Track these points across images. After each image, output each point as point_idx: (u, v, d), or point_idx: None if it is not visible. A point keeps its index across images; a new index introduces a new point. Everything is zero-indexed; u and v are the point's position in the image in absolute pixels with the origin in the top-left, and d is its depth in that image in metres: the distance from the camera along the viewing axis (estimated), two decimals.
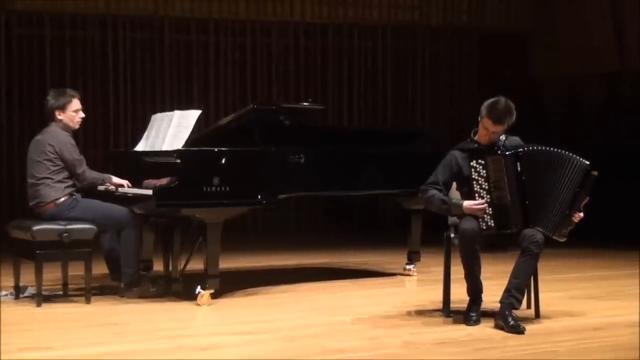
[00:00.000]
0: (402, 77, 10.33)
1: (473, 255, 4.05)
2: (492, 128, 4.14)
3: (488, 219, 4.10)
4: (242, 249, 7.68)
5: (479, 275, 4.13)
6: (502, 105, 4.13)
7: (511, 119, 4.15)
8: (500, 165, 4.09)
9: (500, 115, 4.11)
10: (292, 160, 5.08)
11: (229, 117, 5.36)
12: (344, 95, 10.09)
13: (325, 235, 9.06)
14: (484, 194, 4.11)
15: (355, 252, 7.64)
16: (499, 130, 4.16)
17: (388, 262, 6.72)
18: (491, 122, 4.13)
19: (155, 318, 4.47)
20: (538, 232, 4.07)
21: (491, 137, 4.17)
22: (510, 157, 4.11)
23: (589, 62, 9.63)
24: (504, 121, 4.13)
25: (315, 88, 9.93)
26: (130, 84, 9.34)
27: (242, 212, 4.93)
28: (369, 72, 10.19)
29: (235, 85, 9.68)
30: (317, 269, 6.58)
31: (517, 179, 4.09)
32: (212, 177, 4.70)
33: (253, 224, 9.61)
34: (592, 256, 7.33)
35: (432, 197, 4.24)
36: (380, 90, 10.21)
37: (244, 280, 5.74)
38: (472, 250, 4.04)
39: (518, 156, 4.10)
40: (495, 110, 4.11)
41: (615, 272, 6.27)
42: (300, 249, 7.82)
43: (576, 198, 4.13)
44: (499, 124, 4.13)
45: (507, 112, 4.13)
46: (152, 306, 4.78)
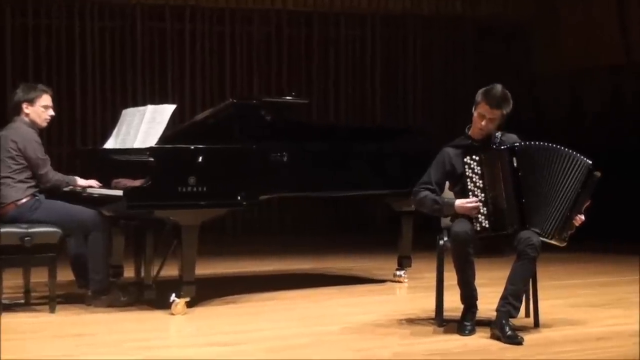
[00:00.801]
0: (392, 70, 10.36)
1: (466, 259, 4.05)
2: (489, 114, 4.14)
3: (482, 220, 4.10)
4: (221, 254, 7.67)
5: (473, 281, 4.13)
6: (499, 90, 4.17)
7: (508, 105, 4.17)
8: (495, 161, 4.10)
9: (498, 99, 4.12)
10: (275, 158, 5.09)
11: (206, 112, 5.36)
12: (330, 89, 10.10)
13: (310, 239, 9.06)
14: (478, 192, 4.12)
15: (342, 257, 7.65)
16: (496, 117, 4.16)
17: (377, 268, 6.73)
18: (488, 107, 4.14)
19: (126, 329, 4.44)
20: (534, 235, 4.08)
21: (487, 128, 4.17)
22: (506, 151, 4.11)
23: (593, 55, 9.68)
24: (502, 106, 4.14)
25: (300, 81, 9.93)
26: (99, 76, 9.30)
27: (220, 213, 4.92)
28: (357, 64, 10.21)
29: (213, 78, 9.67)
30: (301, 275, 6.58)
31: (513, 175, 4.09)
32: (188, 176, 4.69)
33: (232, 226, 9.60)
34: (594, 261, 7.37)
35: (423, 198, 4.25)
36: (368, 83, 10.23)
37: (222, 287, 5.72)
38: (465, 254, 4.04)
39: (514, 151, 4.11)
40: (492, 95, 4.14)
41: (619, 278, 6.30)
42: (283, 254, 7.82)
43: (578, 199, 4.14)
44: (496, 109, 4.13)
45: (504, 97, 4.16)
46: (122, 316, 4.76)
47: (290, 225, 9.80)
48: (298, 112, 9.22)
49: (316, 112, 9.90)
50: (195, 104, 9.42)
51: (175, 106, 5.05)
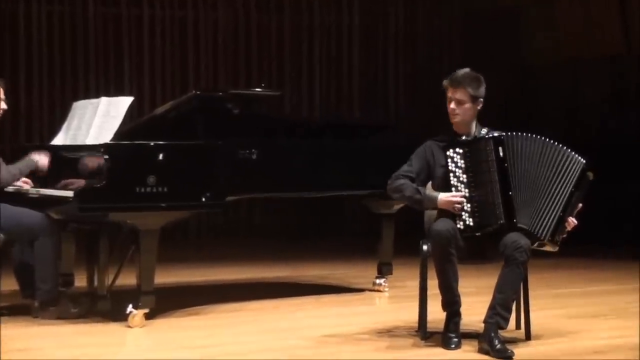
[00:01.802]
0: (371, 60, 10.37)
1: (447, 259, 4.06)
2: (453, 94, 4.19)
3: (466, 217, 4.12)
4: (183, 260, 7.64)
5: (455, 285, 4.13)
6: (462, 70, 4.27)
7: (474, 84, 4.23)
8: (479, 153, 4.13)
9: (459, 77, 4.21)
10: (242, 155, 5.08)
11: (167, 105, 5.33)
12: (304, 80, 10.10)
13: (281, 244, 9.05)
14: (462, 187, 4.14)
15: (317, 263, 7.65)
16: (462, 97, 4.20)
17: (355, 276, 6.73)
18: (451, 87, 4.22)
19: (77, 343, 4.41)
20: (522, 237, 4.09)
21: (458, 111, 4.19)
22: (491, 141, 4.14)
23: (591, 43, 9.74)
24: (464, 83, 4.20)
25: (270, 71, 9.92)
26: (46, 65, 9.22)
27: (182, 216, 4.92)
28: (333, 53, 10.21)
29: (174, 69, 9.63)
30: (271, 283, 6.57)
31: (499, 166, 4.12)
32: (147, 175, 4.66)
33: (196, 230, 9.57)
34: (591, 267, 7.41)
35: (402, 185, 4.26)
36: (346, 74, 10.24)
37: (184, 297, 5.70)
38: (447, 254, 4.05)
39: (500, 140, 4.14)
40: (454, 75, 4.24)
41: (619, 286, 6.34)
42: (252, 260, 7.80)
43: (571, 199, 4.17)
44: (457, 87, 4.20)
45: (467, 75, 4.24)
46: (73, 328, 4.72)
47: (260, 229, 9.79)
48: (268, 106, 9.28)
49: (288, 106, 9.90)
50: (155, 97, 9.38)
51: (132, 99, 5.03)
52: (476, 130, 4.30)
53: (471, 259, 4.27)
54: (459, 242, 4.12)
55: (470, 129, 4.29)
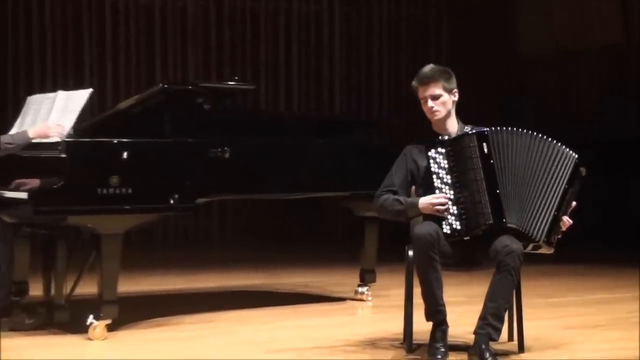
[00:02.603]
0: (353, 51, 10.37)
1: (429, 264, 4.06)
2: (427, 92, 4.22)
3: (453, 221, 4.13)
4: (149, 267, 7.63)
5: (439, 293, 4.12)
6: (428, 66, 4.31)
7: (445, 76, 4.25)
8: (462, 150, 4.14)
9: (427, 73, 4.24)
10: (214, 154, 5.07)
11: (131, 100, 5.30)
12: (281, 73, 10.09)
13: (256, 250, 9.04)
14: (447, 189, 4.15)
15: (295, 271, 7.65)
16: (437, 92, 4.23)
17: (336, 284, 6.74)
18: (423, 86, 4.24)
19: (33, 357, 4.37)
20: (514, 241, 4.10)
21: (438, 108, 4.21)
22: (474, 137, 4.15)
23: (588, 33, 9.79)
24: (435, 77, 4.22)
25: (244, 63, 9.90)
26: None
27: (148, 219, 4.89)
28: (312, 43, 10.20)
29: (140, 60, 9.59)
30: (245, 292, 6.56)
31: (485, 163, 4.13)
32: (110, 175, 4.65)
33: (164, 235, 9.54)
34: (589, 274, 7.44)
35: (384, 201, 4.29)
36: (326, 66, 10.24)
37: (150, 307, 5.69)
38: (428, 259, 4.05)
39: (484, 136, 4.15)
40: (421, 73, 4.27)
41: (618, 295, 6.37)
42: (224, 267, 7.79)
43: (565, 197, 4.18)
44: (429, 83, 4.22)
45: (436, 69, 4.27)
46: (28, 341, 4.69)
47: (233, 234, 9.77)
48: (242, 100, 9.30)
49: (264, 100, 9.90)
50: (119, 90, 9.35)
51: (91, 91, 5.00)
52: (458, 128, 4.31)
53: (460, 265, 4.27)
54: (445, 247, 4.12)
55: (452, 127, 4.30)
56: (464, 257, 4.22)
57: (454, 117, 4.33)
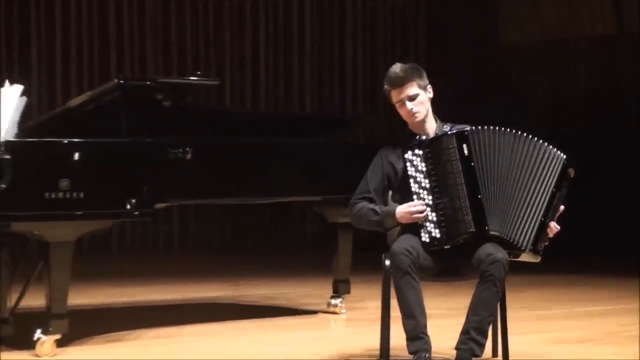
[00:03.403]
0: (325, 42, 10.37)
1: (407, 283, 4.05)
2: (403, 94, 4.22)
3: (432, 229, 4.12)
4: (103, 278, 7.59)
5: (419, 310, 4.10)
6: (397, 65, 4.30)
7: (417, 73, 4.26)
8: (441, 152, 4.14)
9: (399, 74, 4.23)
10: (175, 155, 5.05)
11: (84, 96, 5.28)
12: (247, 67, 10.07)
13: (221, 259, 9.02)
14: (425, 194, 4.15)
15: (263, 281, 7.64)
16: (413, 93, 4.22)
17: (307, 295, 6.74)
18: (396, 89, 4.23)
19: None
20: (499, 250, 4.10)
21: (417, 110, 4.22)
22: (453, 138, 4.15)
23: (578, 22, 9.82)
24: (408, 76, 4.22)
25: (208, 57, 9.87)
26: None
27: (102, 226, 4.87)
28: (281, 35, 10.19)
29: (93, 53, 9.52)
30: (209, 304, 6.55)
31: (465, 166, 4.13)
32: (59, 178, 4.62)
33: (120, 243, 9.49)
34: (579, 284, 7.48)
35: (359, 211, 4.28)
36: (296, 59, 10.23)
37: (104, 321, 5.67)
38: (406, 277, 4.05)
39: (464, 136, 4.15)
40: (391, 75, 4.26)
41: (611, 307, 6.41)
42: (186, 277, 7.77)
43: (552, 201, 4.19)
44: (403, 84, 4.22)
45: (406, 68, 4.26)
46: None
47: (196, 241, 9.74)
48: (206, 97, 9.25)
49: (229, 97, 9.87)
50: (70, 86, 9.29)
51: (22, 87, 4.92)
52: (437, 127, 4.31)
53: (441, 276, 4.27)
54: (426, 261, 4.11)
55: (430, 127, 4.30)
56: (445, 266, 4.21)
57: (432, 115, 4.33)
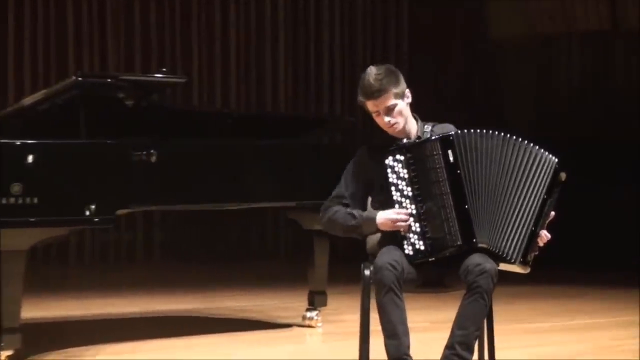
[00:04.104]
0: (300, 37, 10.37)
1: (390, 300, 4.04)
2: (379, 106, 4.19)
3: (415, 240, 4.12)
4: (60, 290, 7.54)
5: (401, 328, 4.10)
6: (370, 74, 4.21)
7: (395, 78, 4.21)
8: (425, 159, 4.13)
9: (373, 85, 4.17)
10: (138, 158, 5.04)
11: (39, 94, 5.26)
12: (217, 64, 10.05)
13: (187, 269, 9.01)
14: (408, 203, 4.14)
15: (233, 293, 7.64)
16: (390, 103, 4.18)
17: (281, 308, 6.75)
18: (371, 100, 4.18)
19: None
20: (487, 260, 4.10)
21: (395, 121, 4.21)
22: (438, 143, 4.14)
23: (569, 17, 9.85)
24: (384, 86, 4.16)
25: (174, 52, 9.84)
26: None
27: (59, 234, 4.86)
28: (253, 29, 10.17)
29: (49, 49, 9.46)
30: (176, 318, 6.54)
31: (450, 174, 4.12)
32: (10, 182, 4.60)
33: (78, 252, 9.43)
34: (569, 296, 7.50)
35: (334, 214, 4.26)
36: (269, 55, 10.22)
37: (61, 335, 5.64)
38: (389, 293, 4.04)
39: (449, 141, 4.14)
40: (365, 85, 4.19)
41: (602, 320, 6.44)
42: (150, 289, 7.75)
43: (543, 209, 4.19)
44: (379, 95, 4.17)
45: (382, 75, 4.19)
46: None
47: (161, 251, 9.70)
48: (172, 95, 9.22)
49: (197, 95, 9.84)
50: (23, 83, 9.22)
51: None
52: (418, 129, 4.30)
53: (424, 287, 4.26)
54: (410, 274, 4.10)
55: (411, 129, 4.28)
56: (430, 278, 4.21)
57: (411, 117, 4.31)
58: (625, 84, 9.59)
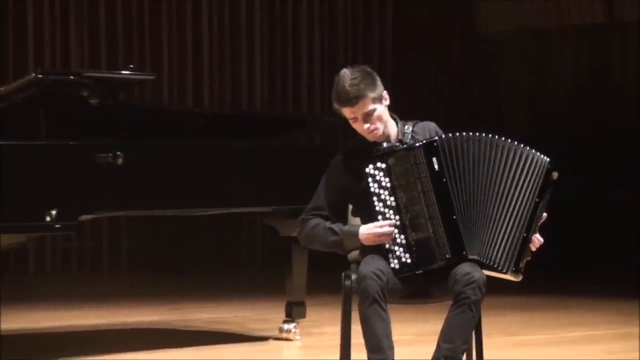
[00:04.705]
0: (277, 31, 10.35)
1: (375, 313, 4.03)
2: (357, 112, 4.17)
3: (401, 253, 4.10)
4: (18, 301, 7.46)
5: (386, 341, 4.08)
6: (345, 78, 4.18)
7: (371, 80, 4.18)
8: (408, 168, 4.11)
9: (349, 90, 4.14)
10: (104, 160, 5.03)
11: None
12: (188, 59, 10.02)
13: (156, 279, 8.99)
14: (391, 214, 4.12)
15: (206, 304, 7.63)
16: (368, 109, 4.16)
17: (257, 320, 6.75)
18: (347, 106, 4.16)
19: None
20: (476, 269, 4.09)
21: (374, 127, 4.18)
22: (421, 150, 4.13)
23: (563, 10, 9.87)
24: (361, 91, 4.13)
25: (142, 47, 9.81)
26: None
27: (16, 241, 4.90)
28: (227, 23, 10.16)
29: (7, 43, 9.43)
30: (145, 330, 6.51)
31: (437, 182, 4.11)
32: None
33: (38, 261, 9.41)
34: (562, 306, 7.50)
35: (314, 229, 4.24)
36: (244, 50, 10.21)
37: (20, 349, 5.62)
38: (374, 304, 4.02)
39: (433, 148, 4.12)
40: (340, 90, 4.17)
41: (598, 332, 6.45)
42: (118, 300, 7.72)
43: (535, 214, 4.18)
44: (356, 101, 4.14)
45: (358, 80, 4.16)
46: None
47: (128, 260, 9.67)
48: (140, 93, 9.19)
49: (167, 93, 9.82)
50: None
51: None
52: (398, 130, 4.27)
53: (408, 298, 4.25)
54: (395, 285, 4.09)
55: (391, 131, 4.26)
56: (416, 288, 4.19)
57: (390, 119, 4.27)
58: (623, 80, 9.62)
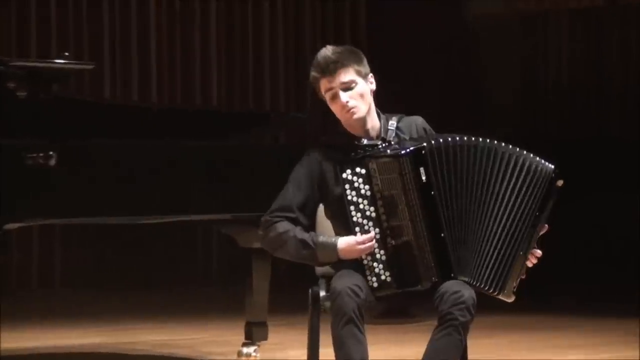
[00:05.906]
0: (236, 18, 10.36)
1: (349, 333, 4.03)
2: (329, 84, 4.19)
3: (380, 270, 4.09)
4: None
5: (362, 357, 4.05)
6: (328, 48, 4.25)
7: (357, 56, 4.23)
8: (391, 175, 4.10)
9: (331, 58, 4.19)
10: (33, 161, 5.00)
11: None
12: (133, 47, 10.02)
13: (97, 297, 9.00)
14: (370, 226, 4.11)
15: (154, 324, 7.66)
16: (348, 81, 4.17)
17: (213, 341, 6.79)
18: (326, 76, 4.19)
19: None
20: (465, 287, 4.09)
21: (354, 103, 4.18)
22: (407, 159, 4.11)
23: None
24: (344, 61, 4.18)
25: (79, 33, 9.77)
26: None
27: None
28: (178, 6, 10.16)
29: None
30: (84, 354, 6.53)
31: (424, 196, 4.09)
32: None
33: None
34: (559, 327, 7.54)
35: (281, 235, 4.21)
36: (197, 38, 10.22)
37: None
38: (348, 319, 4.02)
39: (420, 157, 4.11)
40: (320, 59, 4.22)
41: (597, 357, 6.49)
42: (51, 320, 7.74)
43: (534, 229, 4.17)
44: (336, 70, 4.18)
45: (341, 50, 4.23)
46: None
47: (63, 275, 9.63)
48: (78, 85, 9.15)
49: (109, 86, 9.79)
50: None
51: None
52: (381, 126, 4.27)
53: (386, 317, 4.26)
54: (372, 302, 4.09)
55: (373, 125, 4.26)
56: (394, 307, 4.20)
57: (374, 110, 4.28)
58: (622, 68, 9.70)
